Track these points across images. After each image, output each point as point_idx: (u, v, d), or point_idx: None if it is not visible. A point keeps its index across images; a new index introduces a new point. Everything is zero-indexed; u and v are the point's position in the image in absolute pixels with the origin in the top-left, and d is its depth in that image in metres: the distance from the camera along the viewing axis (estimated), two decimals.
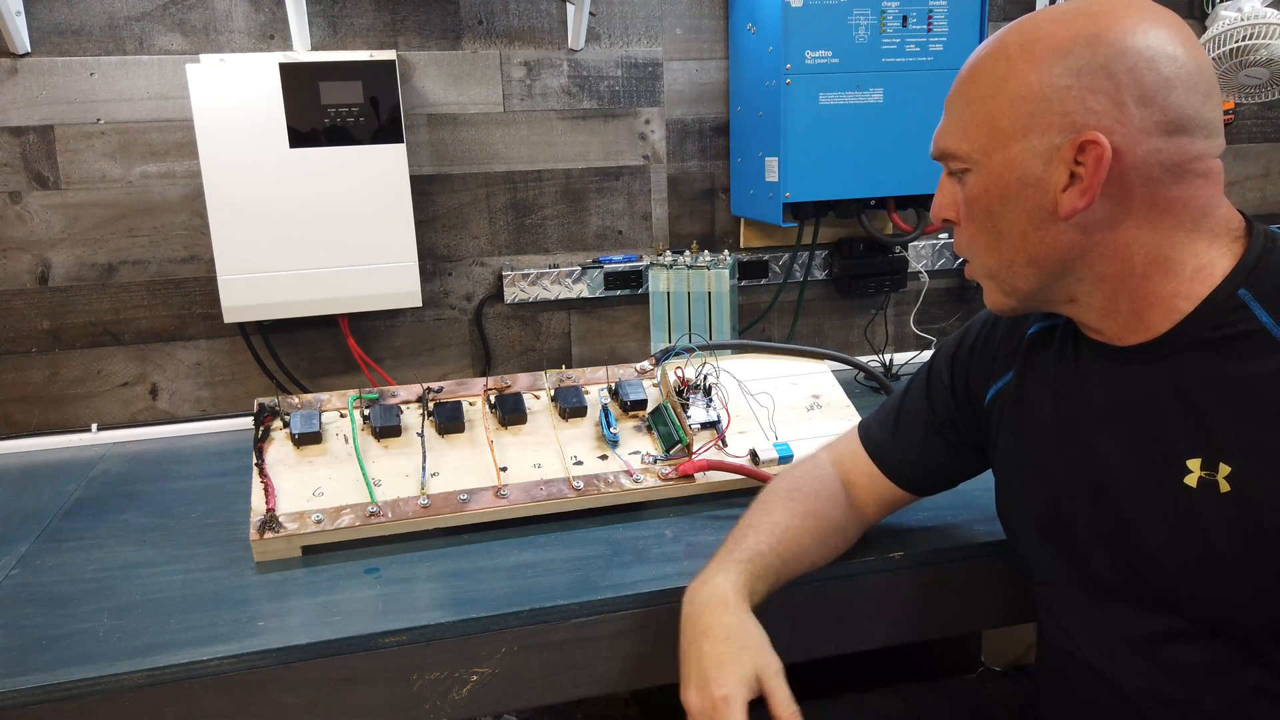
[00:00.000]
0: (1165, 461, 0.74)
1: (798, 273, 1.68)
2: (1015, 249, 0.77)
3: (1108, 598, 0.81)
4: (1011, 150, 0.74)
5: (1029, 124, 0.73)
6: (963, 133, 0.77)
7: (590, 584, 0.94)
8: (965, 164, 0.77)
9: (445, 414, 1.13)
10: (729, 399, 1.20)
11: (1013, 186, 0.74)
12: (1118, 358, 0.78)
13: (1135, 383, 0.77)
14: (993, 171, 0.75)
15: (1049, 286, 0.78)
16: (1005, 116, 0.74)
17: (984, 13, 1.48)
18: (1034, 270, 0.77)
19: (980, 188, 0.77)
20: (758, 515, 0.93)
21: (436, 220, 1.56)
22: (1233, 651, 0.73)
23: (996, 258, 0.79)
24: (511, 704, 0.92)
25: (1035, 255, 0.76)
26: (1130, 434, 0.77)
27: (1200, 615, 0.74)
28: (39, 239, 1.42)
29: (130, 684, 0.82)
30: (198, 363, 1.52)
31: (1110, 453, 0.78)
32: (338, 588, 0.95)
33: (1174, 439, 0.74)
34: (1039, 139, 0.72)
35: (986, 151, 0.75)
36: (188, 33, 1.42)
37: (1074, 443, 0.82)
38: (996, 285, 0.81)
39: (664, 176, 1.65)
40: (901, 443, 0.97)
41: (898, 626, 1.00)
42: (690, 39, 1.61)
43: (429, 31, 1.50)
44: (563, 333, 1.65)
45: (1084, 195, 0.72)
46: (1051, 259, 0.76)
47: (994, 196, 0.76)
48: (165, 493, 1.23)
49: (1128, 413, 0.77)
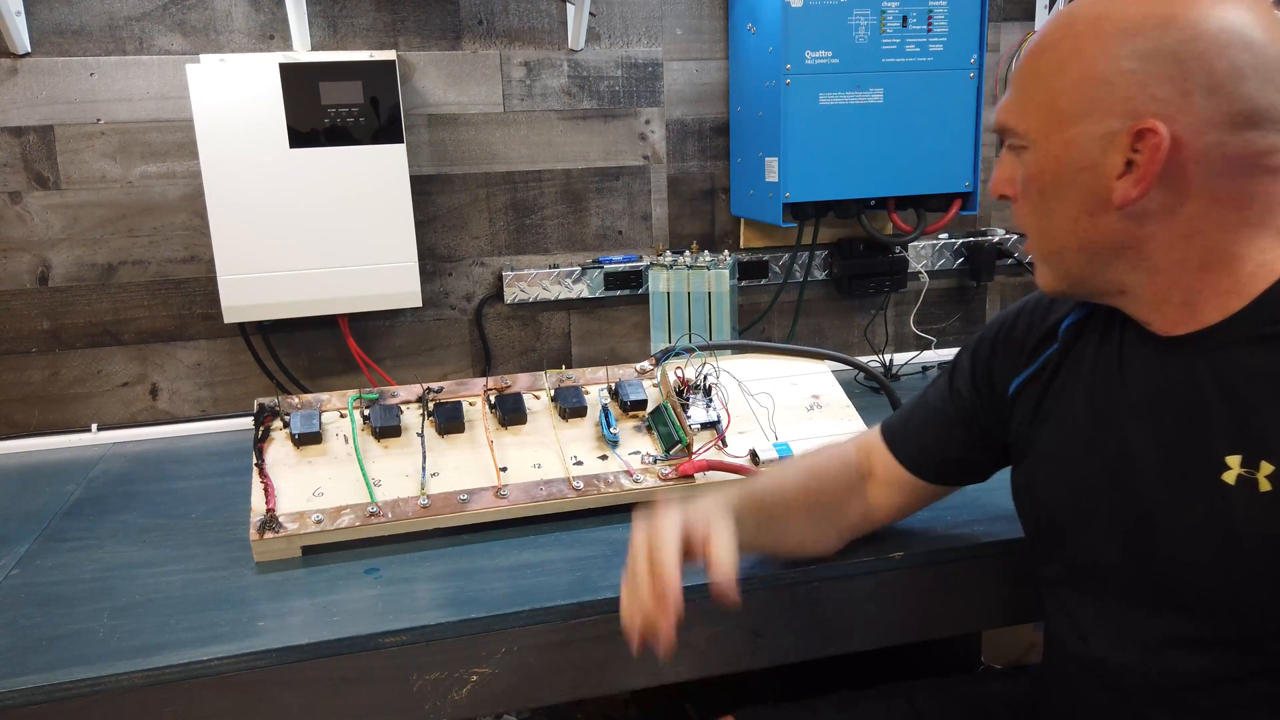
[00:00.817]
0: (1201, 456, 0.72)
1: (798, 273, 1.68)
2: (1066, 233, 0.75)
3: (1119, 594, 0.80)
4: (1069, 132, 0.72)
5: (1089, 107, 0.70)
6: (1023, 109, 0.75)
7: (590, 584, 0.94)
8: (1023, 142, 0.76)
9: (445, 414, 1.13)
10: (729, 399, 1.20)
11: (1067, 170, 0.73)
12: (1161, 347, 0.76)
13: (1176, 374, 0.74)
14: (1049, 152, 0.74)
15: (1100, 274, 0.76)
16: (1066, 97, 0.72)
17: (984, 13, 1.48)
18: (1084, 256, 0.75)
19: (1036, 168, 0.75)
20: (767, 472, 0.97)
21: (436, 220, 1.56)
22: (1240, 658, 0.72)
23: (1048, 240, 0.77)
24: (511, 704, 0.92)
25: (1086, 241, 0.74)
26: (1166, 426, 0.75)
27: (1212, 616, 0.73)
28: (39, 239, 1.43)
29: (130, 684, 0.82)
30: (198, 363, 1.52)
31: (1142, 444, 0.76)
32: (338, 588, 0.95)
33: (1214, 434, 0.71)
34: (1097, 123, 0.70)
35: (1045, 131, 0.73)
36: (188, 33, 1.42)
37: (1105, 431, 0.80)
38: (1048, 267, 0.79)
39: (664, 177, 1.65)
40: (919, 431, 0.96)
41: (898, 626, 1.00)
42: (690, 39, 1.61)
43: (429, 31, 1.50)
44: (563, 333, 1.65)
45: (1138, 185, 0.69)
46: (1103, 246, 0.74)
47: (1048, 178, 0.74)
48: (165, 493, 1.23)
49: (1165, 404, 0.75)
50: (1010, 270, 1.81)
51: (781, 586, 0.95)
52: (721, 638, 0.95)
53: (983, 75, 1.50)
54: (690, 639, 0.94)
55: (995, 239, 1.75)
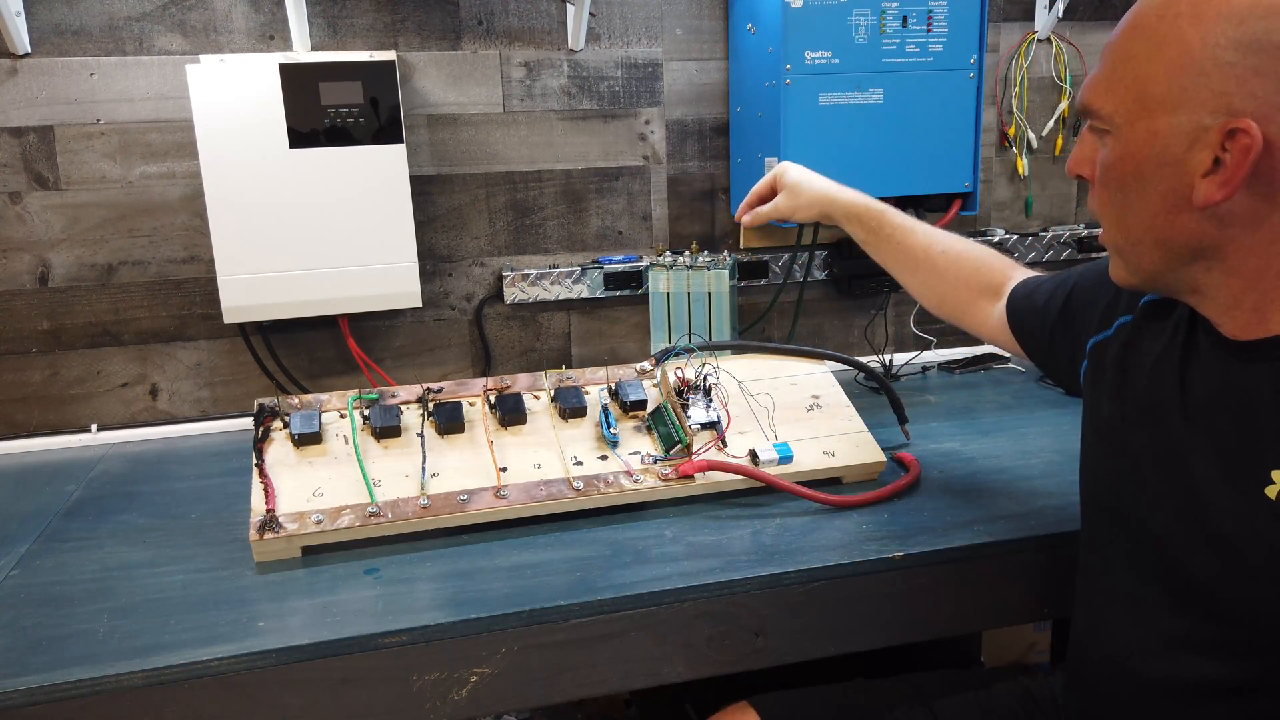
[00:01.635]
0: (1250, 465, 0.70)
1: (798, 273, 1.68)
2: (1143, 228, 0.71)
3: (1150, 589, 0.79)
4: (1156, 122, 0.68)
5: (1180, 98, 0.66)
6: (1110, 91, 0.70)
7: (590, 584, 0.94)
8: (1106, 125, 0.71)
9: (445, 414, 1.13)
10: (729, 399, 1.20)
11: (1150, 163, 0.69)
12: (1227, 349, 0.74)
13: (1237, 379, 0.72)
14: (1133, 141, 0.69)
15: (1174, 272, 0.73)
16: (1157, 84, 0.67)
17: (984, 13, 1.48)
18: (1160, 253, 0.72)
19: (1117, 155, 0.71)
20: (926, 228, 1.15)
21: (436, 220, 1.56)
22: (1259, 671, 0.71)
23: (1123, 232, 0.74)
24: (511, 705, 0.92)
25: (1163, 238, 0.71)
26: (1220, 430, 0.73)
27: (1236, 624, 0.72)
28: (39, 239, 1.42)
29: (130, 684, 0.82)
30: (198, 363, 1.52)
31: (1195, 445, 0.75)
32: (337, 588, 0.95)
33: (1265, 444, 0.69)
34: (1187, 116, 0.66)
35: (1130, 118, 0.69)
36: (188, 33, 1.42)
37: (1161, 425, 0.78)
38: (1122, 260, 0.76)
39: (664, 177, 1.65)
40: (1026, 307, 1.02)
41: (899, 626, 1.00)
42: (690, 39, 1.61)
43: (429, 32, 1.50)
44: (563, 333, 1.65)
45: (1224, 187, 0.65)
46: (1180, 245, 0.70)
47: (1129, 168, 0.70)
48: (165, 493, 1.23)
49: (1223, 408, 0.73)
50: None
51: (783, 586, 0.95)
52: (722, 637, 0.95)
53: (982, 75, 1.50)
54: (690, 638, 0.94)
55: (995, 239, 1.75)
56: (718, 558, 0.98)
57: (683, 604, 0.93)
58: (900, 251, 1.15)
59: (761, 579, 0.95)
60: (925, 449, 1.27)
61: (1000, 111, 1.74)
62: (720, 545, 1.01)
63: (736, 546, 1.01)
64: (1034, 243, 1.75)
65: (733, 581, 0.94)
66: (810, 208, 1.20)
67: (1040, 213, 1.81)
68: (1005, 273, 1.09)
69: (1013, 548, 1.01)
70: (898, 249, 1.15)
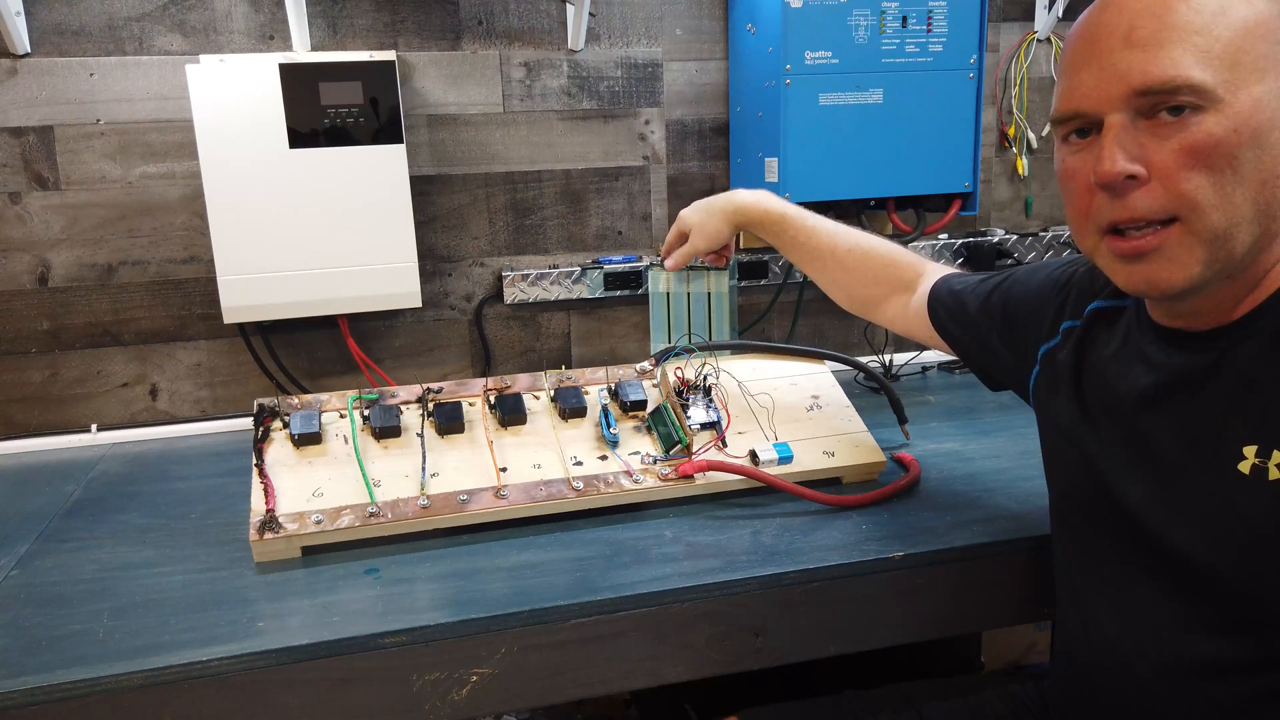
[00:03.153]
0: (1220, 445, 0.72)
1: (798, 273, 1.68)
2: (1251, 201, 0.68)
3: (1138, 576, 0.80)
4: (1256, 90, 0.66)
5: (1265, 63, 0.66)
6: (1204, 62, 0.66)
7: (590, 585, 0.94)
8: (1202, 100, 0.67)
9: (445, 414, 1.13)
10: (729, 399, 1.20)
11: (1265, 129, 0.67)
12: (1187, 343, 0.76)
13: (1202, 366, 0.74)
14: (1241, 111, 0.66)
15: (1246, 257, 0.70)
16: (1249, 51, 0.66)
17: (984, 13, 1.48)
18: (1258, 228, 0.69)
19: (1226, 129, 0.66)
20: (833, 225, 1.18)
21: (436, 221, 1.56)
22: (1254, 647, 0.72)
23: (1229, 213, 0.68)
24: (511, 705, 0.92)
25: (1265, 207, 0.68)
26: (1186, 416, 0.75)
27: (1226, 602, 0.73)
28: (39, 239, 1.42)
29: (130, 684, 0.82)
30: (197, 363, 1.52)
31: (1162, 434, 0.77)
32: (337, 588, 0.95)
33: (1233, 425, 0.71)
34: (1276, 81, 0.67)
35: (1233, 87, 0.66)
36: (187, 33, 1.42)
37: (1125, 418, 0.80)
38: (1209, 253, 0.69)
39: (664, 177, 1.64)
40: (954, 307, 1.05)
41: (899, 627, 1.00)
42: (690, 39, 1.61)
43: (429, 32, 1.50)
44: (563, 333, 1.65)
45: None
46: (1268, 217, 0.68)
47: (1244, 138, 0.66)
48: (165, 493, 1.23)
49: (1187, 396, 0.75)
50: None
51: (783, 586, 0.95)
52: (722, 638, 0.95)
53: (982, 75, 1.50)
54: (690, 639, 0.94)
55: (995, 239, 1.75)
56: (718, 558, 0.98)
57: (682, 604, 0.93)
58: (806, 251, 1.18)
59: (761, 579, 0.95)
60: (925, 449, 1.27)
61: (1000, 111, 1.74)
62: (720, 545, 1.01)
63: (736, 547, 1.01)
64: (1034, 243, 1.75)
65: (733, 582, 0.94)
66: (719, 234, 1.21)
67: (1040, 213, 1.81)
68: (915, 268, 1.13)
69: (1013, 548, 1.01)
70: (803, 249, 1.18)
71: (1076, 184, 0.74)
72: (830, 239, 1.16)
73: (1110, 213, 0.71)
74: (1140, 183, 0.69)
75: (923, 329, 1.10)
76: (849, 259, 1.15)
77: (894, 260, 1.14)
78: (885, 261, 1.14)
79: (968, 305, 1.04)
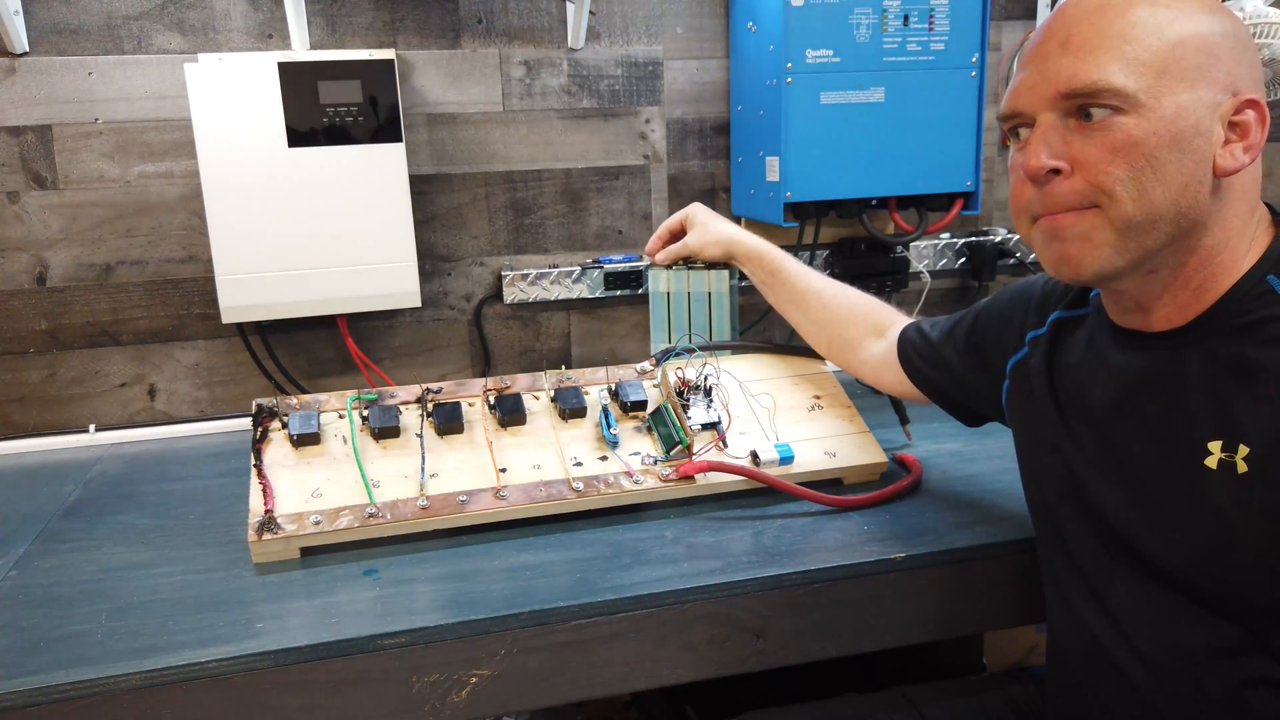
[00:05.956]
0: (1187, 444, 0.75)
1: None
2: (1169, 200, 0.72)
3: (1123, 573, 0.81)
4: (1182, 98, 0.71)
5: (1197, 76, 0.71)
6: (1128, 69, 0.71)
7: (590, 586, 0.93)
8: (1123, 103, 0.72)
9: (444, 415, 1.12)
10: (729, 399, 1.20)
11: (1185, 134, 0.71)
12: (1146, 344, 0.79)
13: (1162, 368, 0.77)
14: (1162, 116, 0.71)
15: (1162, 251, 0.74)
16: (1178, 63, 0.71)
17: (985, 12, 1.48)
18: (1172, 227, 0.73)
19: (1145, 131, 0.71)
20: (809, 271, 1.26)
21: (435, 220, 1.56)
22: (1239, 635, 0.74)
23: (1144, 208, 0.73)
24: (511, 706, 0.91)
25: (1183, 209, 0.73)
26: (1152, 416, 0.78)
27: (1211, 596, 0.75)
28: (37, 239, 1.42)
29: (128, 685, 0.81)
30: (196, 363, 1.51)
31: (1131, 434, 0.79)
32: (336, 589, 0.95)
33: (1198, 422, 0.74)
34: (1206, 92, 0.71)
35: (1156, 94, 0.71)
36: (186, 32, 1.42)
37: (1096, 421, 0.83)
38: (1121, 240, 0.74)
39: (664, 176, 1.64)
40: (924, 351, 1.09)
41: (901, 628, 1.00)
42: (690, 38, 1.60)
43: (428, 30, 1.50)
44: (562, 333, 1.65)
45: (1248, 152, 0.72)
46: (1191, 218, 0.73)
47: (1163, 140, 0.71)
48: (163, 494, 1.22)
49: (1151, 398, 0.78)
50: (1012, 270, 1.80)
51: (784, 588, 0.95)
52: (723, 639, 0.94)
53: (984, 74, 1.50)
54: (691, 640, 0.94)
55: (997, 239, 1.74)
56: (718, 559, 0.98)
57: (683, 605, 0.92)
58: (796, 293, 1.24)
59: (762, 580, 0.94)
60: (927, 449, 1.26)
61: None
62: (721, 546, 1.01)
63: (737, 547, 1.00)
64: None
65: (733, 583, 0.94)
66: (716, 245, 1.30)
67: None
68: (890, 317, 1.19)
69: (1016, 549, 1.01)
70: (793, 290, 1.24)
71: (1015, 177, 0.80)
72: (820, 283, 1.23)
73: (1038, 202, 0.77)
74: (1064, 176, 0.75)
75: (892, 375, 1.13)
76: (833, 301, 1.21)
77: (874, 307, 1.20)
78: (866, 306, 1.20)
79: (932, 340, 1.08)
